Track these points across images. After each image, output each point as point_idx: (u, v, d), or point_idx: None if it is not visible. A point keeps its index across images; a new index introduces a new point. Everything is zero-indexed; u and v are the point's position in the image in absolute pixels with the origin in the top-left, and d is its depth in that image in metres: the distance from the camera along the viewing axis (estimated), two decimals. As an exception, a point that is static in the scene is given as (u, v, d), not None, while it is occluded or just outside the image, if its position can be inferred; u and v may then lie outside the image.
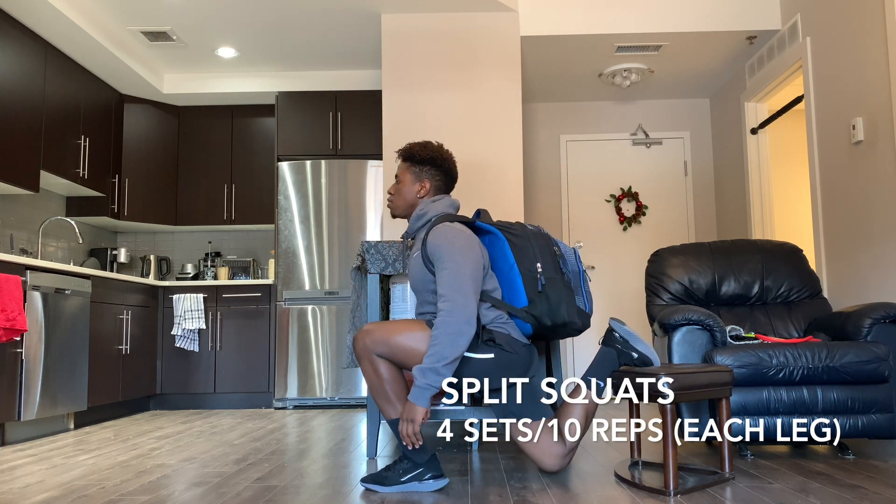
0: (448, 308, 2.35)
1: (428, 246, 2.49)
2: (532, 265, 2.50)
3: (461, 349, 2.33)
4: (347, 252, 5.46)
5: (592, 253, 6.14)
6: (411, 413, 2.33)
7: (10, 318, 3.59)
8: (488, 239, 2.60)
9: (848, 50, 4.08)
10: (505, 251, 2.54)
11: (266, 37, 5.16)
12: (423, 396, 2.32)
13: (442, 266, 2.42)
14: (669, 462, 2.35)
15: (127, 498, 2.40)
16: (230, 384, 5.47)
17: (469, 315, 2.35)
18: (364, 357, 2.46)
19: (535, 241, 2.56)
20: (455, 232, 2.48)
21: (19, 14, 4.37)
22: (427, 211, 2.63)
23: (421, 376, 2.32)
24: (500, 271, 2.56)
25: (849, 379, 2.90)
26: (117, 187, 5.63)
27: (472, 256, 2.44)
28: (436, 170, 2.67)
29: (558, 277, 2.53)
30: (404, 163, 2.71)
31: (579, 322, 2.54)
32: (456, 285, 2.37)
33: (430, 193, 2.67)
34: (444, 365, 2.31)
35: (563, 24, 4.94)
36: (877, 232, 3.85)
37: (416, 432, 2.34)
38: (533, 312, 2.48)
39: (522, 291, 2.49)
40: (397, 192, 2.71)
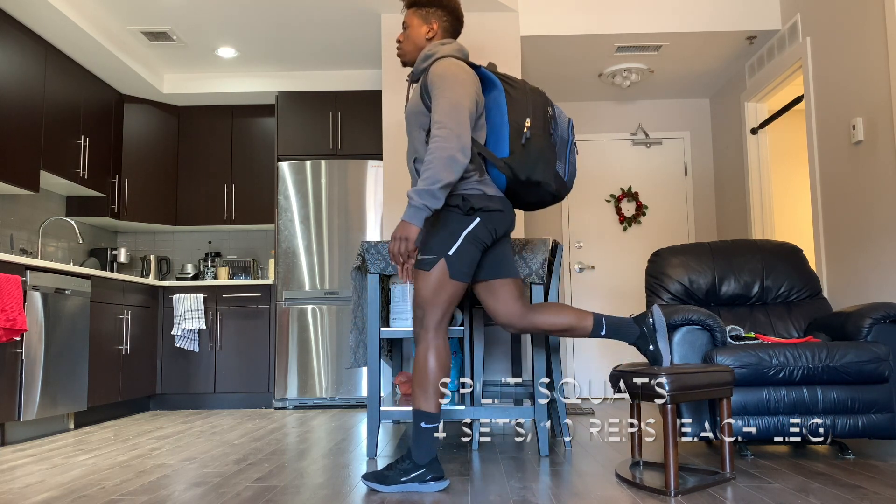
0: (444, 134, 2.37)
1: (429, 75, 2.51)
2: (521, 119, 2.52)
3: (455, 174, 2.36)
4: (347, 252, 5.46)
5: (592, 253, 6.14)
6: (406, 231, 2.37)
7: (10, 318, 3.59)
8: (487, 86, 2.61)
9: (848, 50, 4.08)
10: (499, 100, 2.55)
11: (266, 37, 5.16)
12: (418, 216, 2.35)
13: (440, 94, 2.43)
14: (670, 462, 2.35)
15: (127, 498, 2.40)
16: (230, 384, 5.47)
17: (463, 143, 2.37)
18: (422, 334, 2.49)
19: (530, 97, 2.57)
20: (458, 66, 2.51)
21: (19, 14, 4.37)
22: (435, 52, 2.61)
23: (416, 196, 2.34)
24: (490, 121, 2.58)
25: (849, 379, 2.90)
26: (117, 187, 5.63)
27: (471, 90, 2.47)
28: (442, 10, 2.68)
29: (544, 137, 2.54)
30: (411, 8, 2.71)
31: (553, 185, 2.55)
32: (453, 113, 2.39)
33: (439, 35, 2.68)
34: (439, 187, 2.34)
35: (563, 24, 4.94)
36: (877, 232, 3.85)
37: (410, 249, 2.38)
38: (510, 164, 2.50)
39: (506, 142, 2.51)
40: (406, 37, 2.71)
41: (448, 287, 2.47)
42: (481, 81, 2.62)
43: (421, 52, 2.66)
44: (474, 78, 2.53)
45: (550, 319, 2.63)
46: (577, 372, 6.02)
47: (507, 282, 2.64)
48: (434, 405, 2.45)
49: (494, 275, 2.64)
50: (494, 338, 4.61)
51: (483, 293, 2.67)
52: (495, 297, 2.64)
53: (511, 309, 2.63)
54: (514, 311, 2.63)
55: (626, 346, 6.04)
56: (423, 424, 2.45)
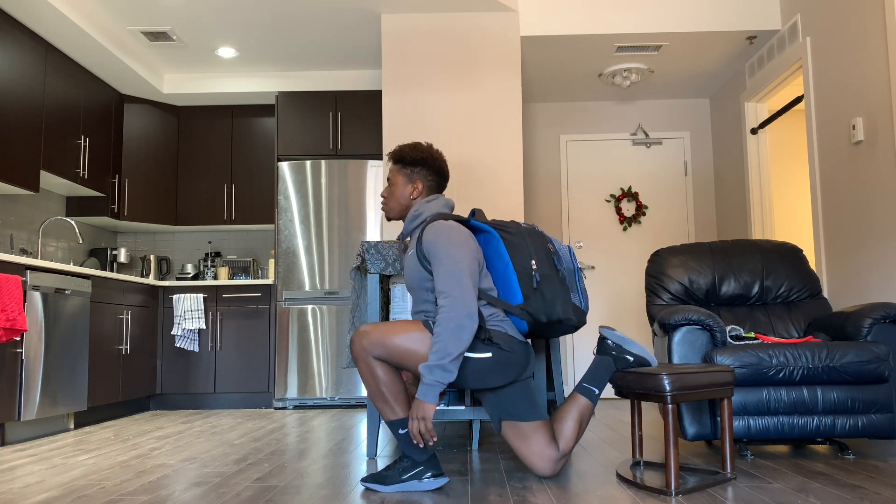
0: (448, 303, 2.35)
1: (423, 243, 2.50)
2: (527, 262, 2.52)
3: (465, 344, 2.33)
4: (347, 252, 5.47)
5: (592, 253, 6.14)
6: (422, 411, 2.33)
7: (10, 318, 3.59)
8: (483, 237, 2.61)
9: (848, 50, 4.08)
10: (500, 249, 2.55)
11: (266, 37, 5.16)
12: (432, 393, 2.32)
13: (439, 263, 2.42)
14: (671, 462, 2.35)
15: (127, 498, 2.40)
16: (230, 384, 5.47)
17: (469, 309, 2.35)
18: (360, 359, 2.46)
19: (529, 239, 2.57)
20: (450, 228, 2.49)
21: (19, 14, 4.37)
22: (422, 211, 2.64)
23: (428, 373, 2.32)
24: (495, 269, 2.57)
25: (849, 379, 2.90)
26: (117, 187, 5.63)
27: (469, 252, 2.45)
28: (427, 170, 2.68)
29: (553, 274, 2.54)
30: (395, 165, 2.71)
31: (575, 319, 2.55)
32: (454, 280, 2.38)
33: (424, 194, 2.68)
34: (450, 361, 2.31)
35: (563, 24, 4.94)
36: (877, 232, 3.85)
37: (430, 429, 2.34)
38: (528, 309, 2.49)
39: (518, 289, 2.50)
40: (390, 194, 2.72)
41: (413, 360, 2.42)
42: (475, 233, 2.62)
43: (408, 212, 2.68)
44: (469, 236, 2.51)
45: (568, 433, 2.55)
46: (577, 372, 6.02)
47: (537, 426, 2.55)
48: (401, 411, 2.45)
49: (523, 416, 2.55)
50: (494, 338, 4.60)
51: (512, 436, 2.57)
52: (527, 444, 2.54)
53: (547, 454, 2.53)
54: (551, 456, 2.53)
55: (626, 346, 6.04)
56: (401, 431, 2.46)
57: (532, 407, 2.56)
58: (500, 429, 2.60)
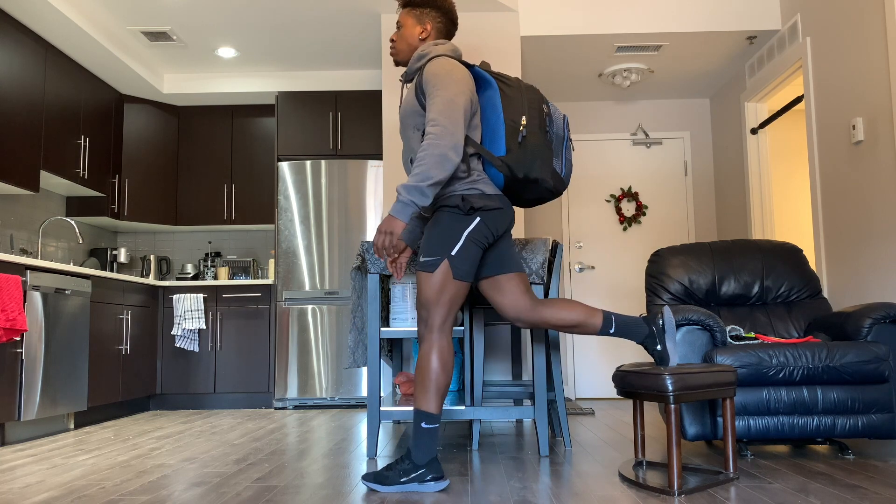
0: (437, 132, 2.38)
1: (424, 74, 2.52)
2: (517, 116, 2.53)
3: (446, 172, 2.37)
4: (347, 252, 5.46)
5: (592, 253, 6.14)
6: (391, 226, 2.39)
7: (10, 318, 3.59)
8: (482, 85, 2.62)
9: (848, 50, 4.08)
10: (494, 99, 2.57)
11: (266, 37, 5.16)
12: (405, 212, 2.37)
13: (435, 93, 2.44)
14: (673, 462, 2.35)
15: (127, 498, 2.40)
16: (230, 384, 5.47)
17: (456, 141, 2.38)
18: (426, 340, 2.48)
19: (525, 95, 2.58)
20: (453, 65, 2.52)
21: (19, 14, 4.37)
22: (429, 52, 2.63)
23: (405, 192, 2.36)
24: (486, 120, 2.59)
25: (849, 379, 2.90)
26: (117, 187, 5.63)
27: (465, 90, 2.47)
28: (436, 11, 2.69)
29: (540, 134, 2.55)
30: (405, 8, 2.72)
31: (551, 181, 2.56)
32: (447, 112, 2.40)
33: (432, 36, 2.69)
34: (429, 185, 2.35)
35: (563, 24, 4.94)
36: (877, 232, 3.85)
37: (394, 245, 2.40)
38: (508, 162, 2.51)
39: (503, 140, 2.52)
40: (399, 37, 2.72)
41: (451, 287, 2.47)
42: (476, 80, 2.63)
43: (414, 53, 2.68)
44: (469, 76, 2.54)
45: (560, 314, 2.63)
46: (577, 372, 6.02)
47: (511, 276, 2.65)
48: (435, 406, 2.45)
49: (498, 270, 2.65)
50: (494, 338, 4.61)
51: (489, 290, 2.67)
52: (502, 293, 2.64)
53: (519, 303, 2.63)
54: (523, 305, 2.63)
55: (627, 346, 6.04)
56: (424, 425, 2.45)
57: (509, 260, 2.65)
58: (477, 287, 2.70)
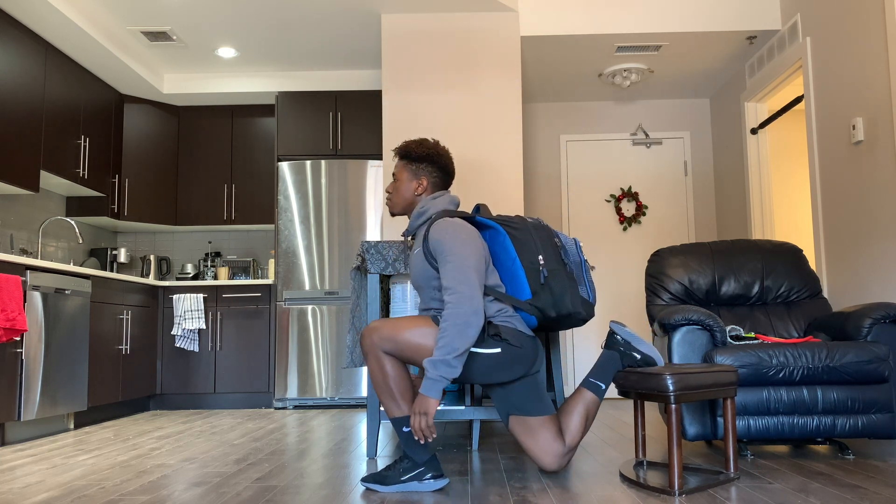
0: (455, 300, 2.35)
1: (430, 241, 2.51)
2: (534, 258, 2.52)
3: (470, 340, 2.34)
4: (347, 252, 5.47)
5: (592, 253, 6.14)
6: (424, 406, 2.33)
7: (10, 318, 3.59)
8: (489, 233, 2.62)
9: (848, 50, 4.08)
10: (506, 245, 2.56)
11: (266, 37, 5.16)
12: (435, 388, 2.32)
13: (445, 259, 2.43)
14: (674, 462, 2.35)
15: (127, 498, 2.40)
16: (230, 384, 5.47)
17: (476, 306, 2.36)
18: (370, 354, 2.47)
19: (535, 234, 2.57)
20: (457, 226, 2.50)
21: (19, 14, 4.37)
22: (428, 208, 2.64)
23: (432, 368, 2.32)
24: (502, 265, 2.58)
25: (849, 379, 2.90)
26: (117, 187, 5.63)
27: (475, 249, 2.46)
28: (432, 167, 2.69)
29: (561, 269, 2.54)
30: (401, 161, 2.73)
31: (583, 312, 2.56)
32: (461, 277, 2.38)
33: (429, 191, 2.69)
34: (455, 357, 2.32)
35: (563, 24, 4.94)
36: (877, 232, 3.85)
37: (430, 425, 2.35)
38: (537, 305, 2.50)
39: (526, 284, 2.51)
40: (395, 190, 2.73)
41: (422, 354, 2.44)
42: (481, 229, 2.63)
43: (412, 209, 2.69)
44: (475, 233, 2.51)
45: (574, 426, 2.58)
46: (577, 372, 6.02)
47: (544, 420, 2.57)
48: (406, 408, 2.46)
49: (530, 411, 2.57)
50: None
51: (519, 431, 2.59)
52: (535, 439, 2.56)
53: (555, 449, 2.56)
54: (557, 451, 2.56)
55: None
56: (405, 429, 2.46)
57: (539, 402, 2.58)
58: (507, 423, 2.62)
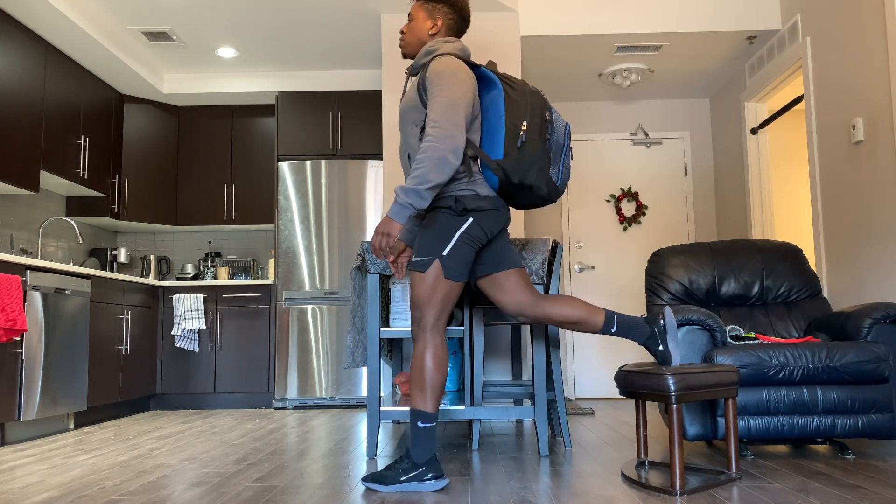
0: (437, 134, 2.38)
1: (428, 72, 2.51)
2: (518, 121, 2.52)
3: (445, 176, 2.37)
4: (347, 252, 5.46)
5: (592, 253, 6.14)
6: (388, 226, 2.40)
7: (10, 318, 3.59)
8: (487, 85, 2.61)
9: (848, 50, 4.08)
10: (497, 102, 2.55)
11: (266, 37, 5.16)
12: (402, 214, 2.38)
13: (438, 92, 2.44)
14: (676, 462, 2.35)
15: (127, 498, 2.40)
16: (230, 384, 5.47)
17: (456, 144, 2.38)
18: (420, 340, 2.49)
19: (529, 99, 2.56)
20: (457, 64, 2.51)
21: (19, 14, 4.37)
22: (437, 48, 2.61)
23: (403, 194, 2.36)
24: (487, 120, 2.58)
25: (849, 379, 2.90)
26: (117, 187, 5.63)
27: (468, 91, 2.47)
28: (449, 7, 2.68)
29: (539, 140, 2.54)
30: (418, 1, 2.71)
31: (546, 189, 2.55)
32: (448, 113, 2.40)
33: (443, 32, 2.68)
34: (427, 188, 2.36)
35: (563, 24, 4.94)
36: (877, 232, 3.85)
37: (392, 246, 2.42)
38: (503, 166, 2.50)
39: (501, 144, 2.51)
40: (409, 29, 2.71)
41: (443, 287, 2.48)
42: (481, 80, 2.62)
43: (423, 47, 2.66)
44: (473, 78, 2.53)
45: (562, 310, 2.63)
46: (577, 372, 6.02)
47: (510, 273, 2.65)
48: (431, 405, 2.46)
49: (496, 268, 2.65)
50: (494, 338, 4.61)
51: (489, 288, 2.67)
52: (501, 290, 2.64)
53: (520, 298, 2.63)
54: (524, 300, 2.63)
55: (627, 346, 6.04)
56: (421, 424, 2.45)
57: (507, 257, 2.65)
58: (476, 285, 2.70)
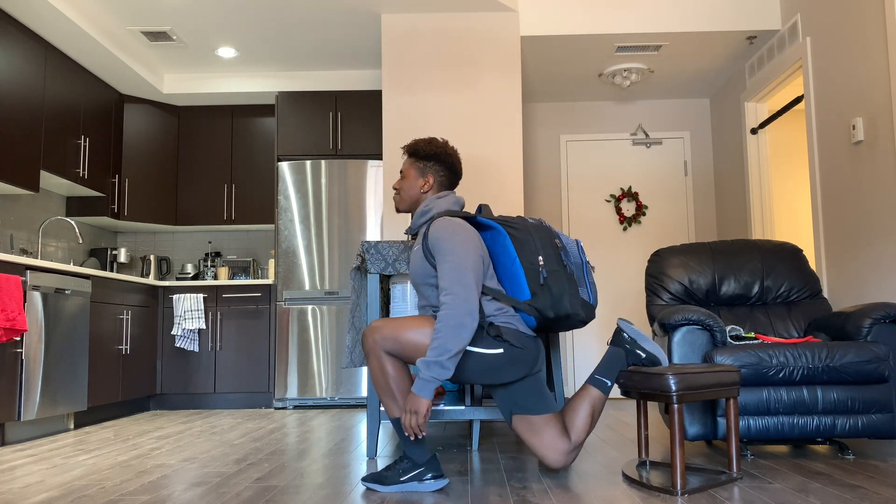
0: (450, 301, 2.36)
1: (429, 239, 2.52)
2: (534, 258, 2.52)
3: (464, 342, 2.35)
4: (347, 252, 5.46)
5: (592, 253, 6.14)
6: (415, 405, 2.35)
7: (10, 318, 3.59)
8: (489, 234, 2.62)
9: (848, 50, 4.08)
10: (506, 245, 2.56)
11: (266, 37, 5.16)
12: (427, 389, 2.34)
13: (443, 259, 2.44)
14: (677, 462, 2.35)
15: (127, 498, 2.40)
16: (230, 384, 5.47)
17: (471, 307, 2.36)
18: (372, 354, 2.48)
19: (536, 234, 2.57)
20: (456, 226, 2.50)
21: (19, 14, 4.37)
22: (432, 207, 2.65)
23: (425, 369, 2.33)
24: (502, 266, 2.58)
25: (849, 379, 2.90)
26: (117, 187, 5.63)
27: (473, 249, 2.46)
28: (440, 165, 2.70)
29: (560, 270, 2.54)
30: (409, 158, 2.74)
31: (583, 313, 2.56)
32: (457, 278, 2.39)
33: (435, 189, 2.70)
34: (448, 358, 2.33)
35: (563, 24, 4.94)
36: (877, 232, 3.85)
37: (420, 424, 2.36)
38: (536, 305, 2.50)
39: (525, 285, 2.51)
40: (402, 187, 2.74)
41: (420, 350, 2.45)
42: (482, 229, 2.63)
43: (418, 207, 2.70)
44: (475, 234, 2.52)
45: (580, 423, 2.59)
46: (577, 372, 6.02)
47: (549, 419, 2.59)
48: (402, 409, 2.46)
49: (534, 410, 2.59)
50: (494, 338, 4.60)
51: (523, 430, 2.60)
52: (539, 437, 2.58)
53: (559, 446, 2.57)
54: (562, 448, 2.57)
55: (626, 346, 6.04)
56: None
57: (542, 400, 2.59)
58: (510, 422, 2.63)
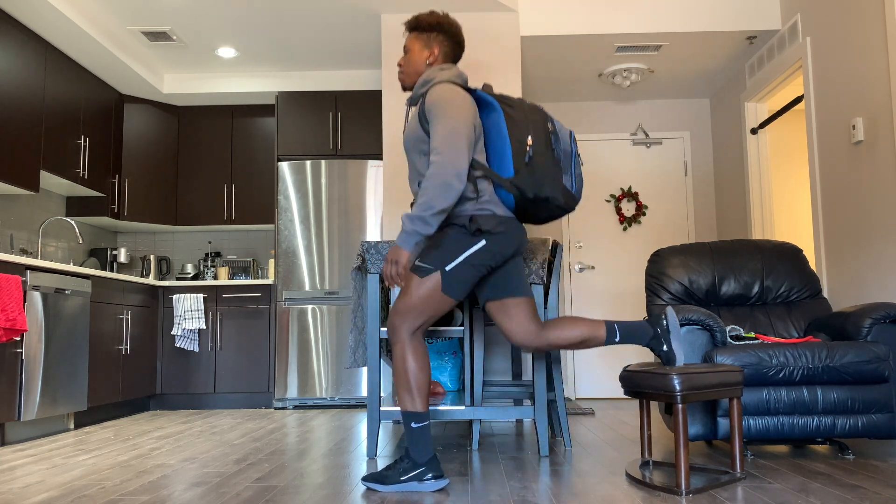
0: (440, 160, 2.40)
1: (426, 102, 2.53)
2: (523, 137, 2.54)
3: (450, 201, 2.39)
4: (347, 252, 5.47)
5: (592, 253, 6.14)
6: (396, 255, 2.43)
7: (10, 318, 3.59)
8: (485, 110, 2.62)
9: (848, 50, 4.08)
10: (499, 122, 2.57)
11: (266, 37, 5.16)
12: (409, 241, 2.41)
13: (437, 121, 2.46)
14: (681, 462, 2.35)
15: (127, 498, 2.40)
16: (230, 384, 5.47)
17: (459, 169, 2.39)
18: (397, 343, 2.50)
19: (529, 115, 2.58)
20: (454, 91, 2.53)
21: (19, 14, 4.37)
22: (434, 77, 2.64)
23: (409, 222, 2.39)
24: (491, 141, 2.60)
25: (849, 379, 2.90)
26: (117, 187, 5.63)
27: (468, 116, 2.49)
28: (443, 35, 2.70)
29: (548, 153, 2.56)
30: (412, 32, 2.74)
31: (562, 199, 2.57)
32: (449, 140, 2.42)
33: (439, 60, 2.70)
34: (432, 214, 2.38)
35: (563, 24, 4.94)
36: (877, 232, 3.85)
37: (400, 273, 2.43)
38: (517, 183, 2.52)
39: (511, 161, 2.53)
40: (407, 62, 2.73)
41: (436, 299, 2.49)
42: (479, 104, 2.64)
43: (420, 77, 2.69)
44: (471, 102, 2.54)
45: (565, 334, 2.63)
46: (577, 372, 6.02)
47: (521, 301, 2.65)
48: (421, 405, 2.47)
49: (508, 293, 2.64)
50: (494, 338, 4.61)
51: (497, 313, 2.67)
52: (509, 317, 2.64)
53: (528, 328, 2.63)
54: (531, 331, 2.63)
55: (627, 346, 6.04)
56: (414, 425, 2.46)
57: (517, 285, 2.65)
58: (485, 308, 2.71)
